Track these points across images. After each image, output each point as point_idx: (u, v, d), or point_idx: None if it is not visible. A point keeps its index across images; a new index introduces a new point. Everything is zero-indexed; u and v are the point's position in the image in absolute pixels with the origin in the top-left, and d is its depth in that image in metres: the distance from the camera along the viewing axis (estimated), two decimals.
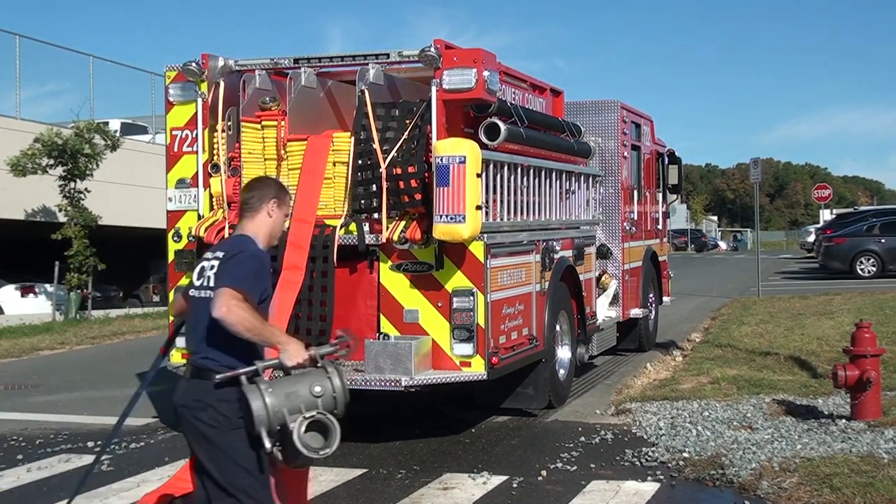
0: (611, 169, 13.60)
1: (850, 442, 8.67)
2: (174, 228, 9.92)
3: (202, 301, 4.98)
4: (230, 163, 9.73)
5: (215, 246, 5.41)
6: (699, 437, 9.15)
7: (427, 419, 10.59)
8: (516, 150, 10.11)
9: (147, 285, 33.75)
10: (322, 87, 10.24)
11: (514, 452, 9.13)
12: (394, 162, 9.04)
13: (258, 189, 5.30)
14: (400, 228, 9.08)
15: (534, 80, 11.54)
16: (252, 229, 5.17)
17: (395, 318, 9.25)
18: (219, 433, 4.93)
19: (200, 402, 4.95)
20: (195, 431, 4.98)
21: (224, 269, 4.93)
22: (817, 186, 46.45)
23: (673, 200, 17.27)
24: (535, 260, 10.36)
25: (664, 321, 17.41)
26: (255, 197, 5.23)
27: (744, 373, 12.44)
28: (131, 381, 13.77)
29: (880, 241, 29.96)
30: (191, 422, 4.98)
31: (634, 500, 7.50)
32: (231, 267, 4.93)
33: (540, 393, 10.55)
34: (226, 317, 4.74)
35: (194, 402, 4.97)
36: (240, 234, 5.20)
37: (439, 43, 9.09)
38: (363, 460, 8.90)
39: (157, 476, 8.52)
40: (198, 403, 4.96)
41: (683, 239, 76.58)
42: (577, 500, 7.54)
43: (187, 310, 5.19)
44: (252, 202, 5.21)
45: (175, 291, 5.82)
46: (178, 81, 9.86)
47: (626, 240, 13.96)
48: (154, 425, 10.73)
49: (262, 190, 5.29)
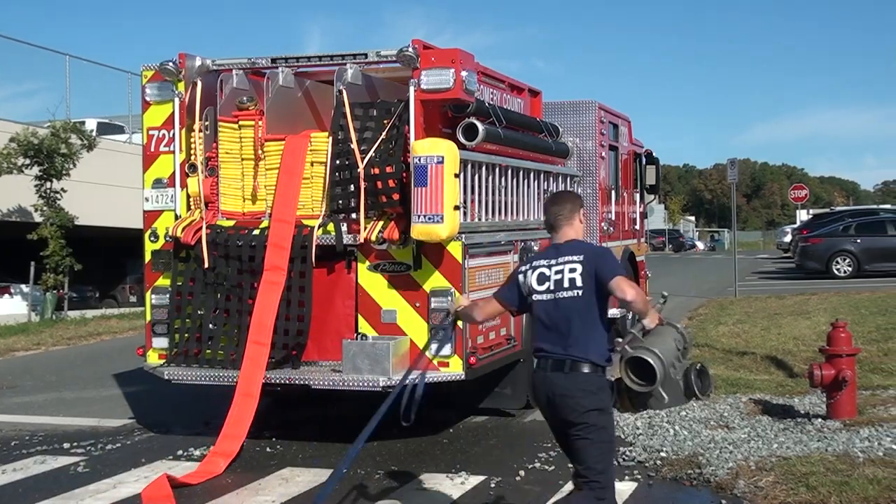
0: (588, 169, 13.62)
1: (825, 441, 8.71)
2: (151, 228, 9.87)
3: (564, 301, 5.53)
4: (207, 163, 9.70)
5: (549, 253, 5.77)
6: (676, 437, 9.18)
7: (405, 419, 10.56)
8: (494, 151, 10.12)
9: (123, 285, 33.64)
10: (300, 87, 10.22)
11: (493, 452, 9.13)
12: (372, 162, 9.03)
13: (568, 201, 5.87)
14: (378, 228, 9.07)
15: (512, 80, 11.55)
16: (573, 234, 5.74)
17: (372, 319, 9.24)
18: (599, 416, 5.46)
19: (583, 390, 5.44)
20: (576, 416, 5.44)
21: (602, 265, 5.52)
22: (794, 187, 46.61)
23: (650, 201, 17.32)
24: (513, 260, 10.36)
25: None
26: (567, 208, 5.79)
27: (721, 372, 12.47)
28: (107, 382, 13.73)
29: (856, 242, 30.13)
30: (573, 408, 5.44)
31: None
32: (608, 262, 5.60)
33: (518, 393, 10.56)
34: (635, 297, 5.44)
35: (578, 391, 5.44)
36: (573, 239, 5.74)
37: (417, 43, 9.08)
38: (341, 460, 8.87)
39: (134, 477, 8.48)
40: (581, 391, 5.44)
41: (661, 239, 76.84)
42: (555, 499, 7.54)
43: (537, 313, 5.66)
44: (566, 213, 5.77)
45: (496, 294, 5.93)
46: (154, 81, 9.81)
47: (604, 240, 13.98)
48: (130, 426, 10.68)
49: (572, 202, 5.87)
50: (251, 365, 8.92)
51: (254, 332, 9.05)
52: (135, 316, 22.84)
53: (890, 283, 26.14)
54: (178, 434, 10.19)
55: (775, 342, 14.94)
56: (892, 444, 8.48)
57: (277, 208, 9.33)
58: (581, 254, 5.60)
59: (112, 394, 12.84)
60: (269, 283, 9.13)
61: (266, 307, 9.11)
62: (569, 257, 5.60)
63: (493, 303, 6.00)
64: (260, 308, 9.12)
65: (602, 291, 5.49)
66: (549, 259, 5.68)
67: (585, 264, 5.53)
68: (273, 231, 9.24)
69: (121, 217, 26.83)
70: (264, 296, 9.13)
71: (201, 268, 9.53)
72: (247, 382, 8.85)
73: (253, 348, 8.98)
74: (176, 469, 8.72)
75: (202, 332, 9.56)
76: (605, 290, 5.48)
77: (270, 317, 9.09)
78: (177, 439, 9.94)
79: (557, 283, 5.56)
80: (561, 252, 5.68)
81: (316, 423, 10.63)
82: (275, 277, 9.16)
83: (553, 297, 5.57)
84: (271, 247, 9.18)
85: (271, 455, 9.22)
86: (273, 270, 9.16)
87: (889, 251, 29.96)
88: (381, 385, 8.76)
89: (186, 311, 9.61)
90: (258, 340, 9.00)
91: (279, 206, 9.33)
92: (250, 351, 8.97)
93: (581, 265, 5.53)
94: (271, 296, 9.12)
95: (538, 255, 6.01)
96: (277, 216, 9.30)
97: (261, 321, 9.09)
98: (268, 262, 9.17)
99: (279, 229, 9.25)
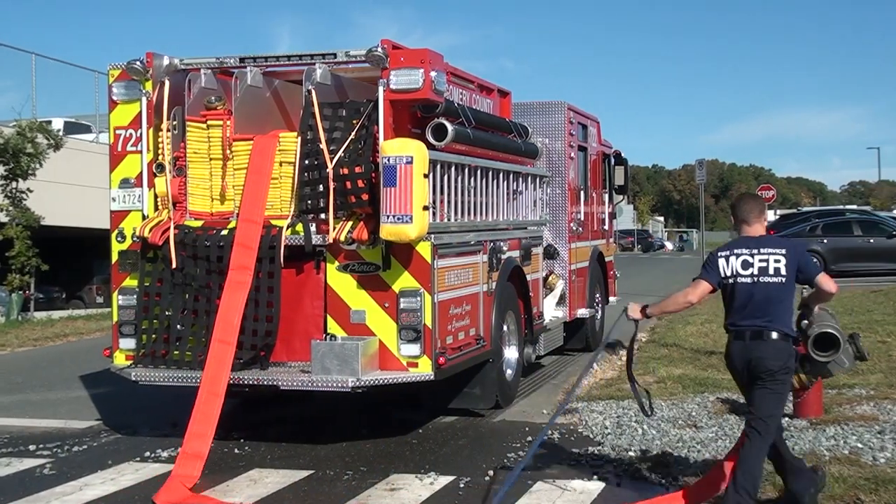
0: (558, 170, 13.66)
1: (792, 440, 8.78)
2: (118, 229, 9.80)
3: (766, 285, 6.65)
4: (175, 162, 9.64)
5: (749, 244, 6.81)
6: (644, 436, 9.22)
7: (374, 420, 10.57)
8: (463, 151, 10.12)
9: (90, 286, 33.38)
10: (268, 87, 10.17)
11: (462, 452, 9.13)
12: (341, 162, 9.01)
13: (758, 202, 7.09)
14: (347, 229, 9.05)
15: (481, 80, 11.56)
16: (762, 230, 6.90)
17: (341, 319, 9.22)
18: (785, 375, 6.68)
19: (777, 355, 6.62)
20: (768, 374, 6.62)
21: (805, 262, 6.73)
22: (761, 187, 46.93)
23: (619, 201, 17.40)
24: (482, 260, 10.37)
25: (610, 321, 17.49)
26: (758, 209, 6.97)
27: (689, 372, 12.55)
28: (74, 383, 13.62)
29: (823, 242, 30.36)
30: (768, 368, 6.61)
31: (580, 499, 7.53)
32: (808, 260, 6.82)
33: (487, 393, 10.57)
34: (836, 290, 6.85)
35: (773, 355, 6.62)
36: (765, 234, 6.92)
37: (386, 43, 9.08)
38: (310, 461, 8.87)
39: (100, 479, 8.42)
40: (776, 356, 6.62)
41: (630, 239, 77.28)
42: (524, 499, 7.55)
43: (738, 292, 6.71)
44: (756, 212, 6.94)
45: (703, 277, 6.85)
46: (121, 80, 9.74)
47: (573, 240, 14.04)
48: (97, 428, 10.60)
49: (760, 203, 7.08)
50: (216, 363, 8.85)
51: (219, 330, 8.98)
52: (102, 317, 22.66)
53: (856, 282, 26.36)
54: (146, 436, 10.12)
55: None
56: (858, 443, 8.57)
57: (245, 208, 9.29)
58: (783, 248, 6.74)
59: (79, 395, 12.74)
60: (235, 283, 9.08)
61: (232, 306, 9.05)
62: (771, 249, 6.72)
63: (703, 284, 6.89)
64: (225, 307, 9.05)
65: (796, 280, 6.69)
66: (750, 249, 6.75)
67: (789, 258, 6.67)
68: (240, 231, 9.20)
69: (88, 217, 26.64)
70: (230, 295, 9.07)
71: (169, 268, 9.47)
72: (212, 381, 8.77)
73: (218, 347, 8.91)
74: (144, 470, 8.67)
75: (169, 332, 9.50)
76: (801, 281, 6.73)
77: (236, 315, 9.04)
78: (144, 441, 9.87)
79: (762, 270, 6.67)
80: (762, 244, 6.78)
81: (284, 424, 10.59)
82: (241, 277, 9.11)
83: (756, 281, 6.68)
84: (238, 246, 9.14)
85: (239, 456, 9.18)
86: (239, 270, 9.12)
87: (855, 251, 30.25)
88: (349, 385, 8.75)
89: (154, 312, 9.55)
90: (223, 339, 8.93)
91: (247, 205, 9.29)
92: (215, 350, 8.90)
93: (784, 258, 6.67)
94: (237, 295, 9.07)
95: (733, 244, 6.92)
96: (245, 216, 9.26)
97: (226, 319, 9.02)
98: (234, 262, 9.12)
99: (247, 229, 9.20)
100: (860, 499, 7.04)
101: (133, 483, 8.32)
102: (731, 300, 6.80)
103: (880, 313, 17.72)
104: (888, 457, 8.07)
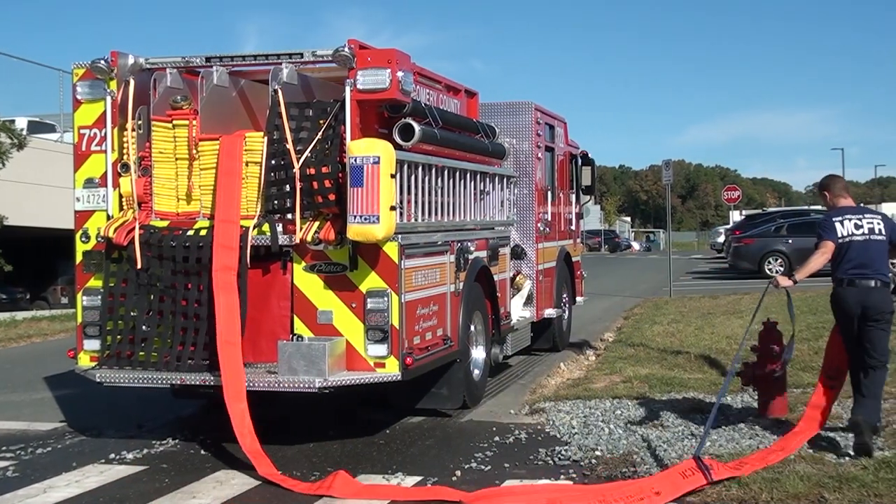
0: (525, 170, 13.68)
1: (757, 439, 8.85)
2: (82, 229, 9.72)
3: (874, 242, 8.41)
4: (140, 162, 9.57)
5: (853, 211, 8.62)
6: (611, 436, 9.25)
7: (341, 420, 10.55)
8: (431, 151, 10.12)
9: (55, 287, 33.05)
10: (235, 87, 10.12)
11: (429, 453, 9.13)
12: (307, 162, 8.99)
13: (843, 179, 9.10)
14: (313, 229, 9.02)
15: (448, 80, 11.56)
16: (852, 201, 8.77)
17: (308, 320, 9.19)
18: (891, 315, 8.40)
19: (885, 299, 8.35)
20: (880, 316, 8.32)
21: (891, 226, 8.50)
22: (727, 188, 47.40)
23: (586, 201, 17.45)
24: (449, 260, 10.38)
25: (578, 321, 17.58)
26: (846, 185, 8.97)
27: (655, 371, 12.61)
28: (38, 384, 13.50)
29: (788, 242, 30.62)
30: (881, 310, 8.32)
31: None
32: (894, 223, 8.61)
33: (454, 393, 10.58)
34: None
35: (882, 300, 8.35)
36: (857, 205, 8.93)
37: (353, 43, 9.06)
38: (276, 462, 8.81)
39: (65, 482, 8.34)
40: (884, 300, 8.35)
41: (597, 239, 77.56)
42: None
43: (853, 248, 8.39)
44: (846, 187, 8.90)
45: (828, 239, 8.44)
46: (86, 79, 9.67)
47: (540, 240, 14.07)
48: (61, 430, 10.51)
49: (844, 180, 9.18)
50: (229, 366, 8.72)
51: (223, 333, 8.86)
52: (66, 318, 22.48)
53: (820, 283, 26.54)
54: (111, 437, 10.05)
55: (709, 341, 15.13)
56: (823, 441, 8.64)
57: (222, 209, 9.20)
58: (878, 215, 8.70)
59: (43, 397, 12.63)
60: (224, 284, 9.00)
61: (228, 307, 8.95)
62: (871, 215, 8.62)
63: (828, 244, 8.45)
64: (222, 308, 8.94)
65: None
66: (856, 214, 8.55)
67: (884, 222, 8.53)
68: (220, 232, 9.12)
69: (52, 217, 26.41)
70: (223, 296, 8.96)
71: (134, 269, 9.40)
72: (231, 384, 8.65)
73: (227, 349, 8.77)
74: (109, 472, 8.61)
75: (135, 333, 9.43)
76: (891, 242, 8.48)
77: (235, 315, 8.95)
78: (109, 442, 9.80)
79: (870, 230, 8.42)
80: (863, 211, 8.71)
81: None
82: (228, 277, 9.04)
83: (868, 239, 8.40)
84: (220, 248, 9.07)
85: (206, 458, 9.13)
86: (224, 270, 9.04)
87: None
88: (316, 386, 8.72)
89: (119, 313, 9.47)
90: (230, 341, 8.83)
91: (223, 207, 9.21)
92: (225, 353, 8.76)
93: (882, 222, 8.51)
94: (230, 296, 9.00)
95: (842, 210, 8.58)
96: (222, 217, 9.18)
97: (227, 321, 8.90)
98: (218, 264, 9.04)
99: (226, 230, 9.14)
100: (824, 497, 7.09)
101: (98, 485, 8.25)
102: (844, 254, 8.39)
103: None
104: (852, 455, 8.14)
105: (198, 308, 9.24)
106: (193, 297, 9.27)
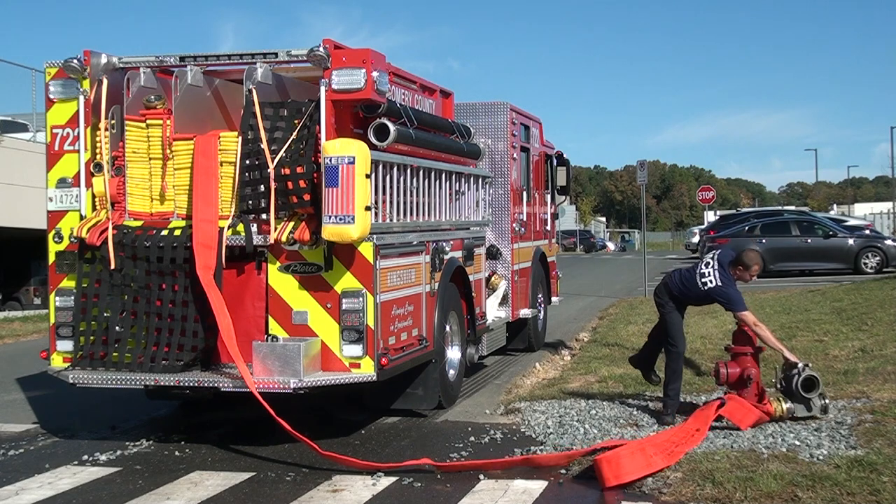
0: (500, 170, 13.70)
1: (731, 438, 8.89)
2: (55, 229, 9.66)
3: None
4: (114, 162, 9.52)
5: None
6: (586, 435, 9.28)
7: (316, 421, 10.52)
8: (406, 151, 10.12)
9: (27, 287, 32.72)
10: (209, 86, 10.08)
11: (405, 453, 9.12)
12: (282, 162, 8.96)
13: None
14: (288, 229, 9.00)
15: (423, 81, 11.56)
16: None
17: (283, 320, 9.17)
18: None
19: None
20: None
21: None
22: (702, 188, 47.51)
23: (561, 202, 17.49)
24: (424, 261, 10.37)
25: (553, 321, 17.61)
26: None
27: (630, 371, 12.60)
28: (10, 385, 13.41)
29: (761, 242, 30.76)
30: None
31: (523, 499, 7.55)
32: None
33: (430, 393, 10.58)
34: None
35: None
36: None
37: (328, 43, 9.04)
38: (251, 463, 8.81)
39: (37, 483, 8.29)
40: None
41: (572, 240, 77.71)
42: (467, 499, 7.57)
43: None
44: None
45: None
46: (58, 78, 9.61)
47: (516, 241, 14.09)
48: (34, 431, 10.44)
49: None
50: (239, 363, 8.76)
51: (224, 331, 8.84)
52: (39, 318, 22.31)
53: (794, 282, 26.78)
54: (84, 439, 9.99)
55: None
56: (796, 440, 8.69)
57: (200, 209, 9.16)
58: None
59: (15, 398, 12.53)
60: (210, 285, 8.97)
61: (221, 304, 8.93)
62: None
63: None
64: (217, 306, 8.91)
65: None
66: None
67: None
68: (199, 231, 9.07)
69: (25, 217, 26.16)
70: (214, 294, 8.93)
71: (107, 269, 9.35)
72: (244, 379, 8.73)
73: (231, 343, 8.79)
74: (81, 474, 8.55)
75: (108, 334, 9.37)
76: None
77: (226, 311, 8.93)
78: (82, 444, 9.74)
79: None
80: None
81: (225, 426, 10.51)
82: (208, 277, 9.00)
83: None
84: (200, 247, 9.02)
85: (180, 459, 9.09)
86: (207, 269, 9.01)
87: (793, 251, 30.72)
88: (291, 387, 8.70)
89: (92, 314, 9.42)
90: (231, 337, 8.82)
91: (202, 207, 9.16)
92: (232, 344, 8.77)
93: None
94: (219, 293, 8.97)
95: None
96: (201, 217, 9.14)
97: (224, 317, 8.89)
98: (201, 263, 8.99)
99: (205, 229, 9.10)
100: (797, 496, 7.13)
101: (71, 487, 8.19)
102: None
103: (817, 312, 17.99)
104: (825, 454, 8.19)
105: (172, 309, 9.21)
106: (167, 298, 9.23)
